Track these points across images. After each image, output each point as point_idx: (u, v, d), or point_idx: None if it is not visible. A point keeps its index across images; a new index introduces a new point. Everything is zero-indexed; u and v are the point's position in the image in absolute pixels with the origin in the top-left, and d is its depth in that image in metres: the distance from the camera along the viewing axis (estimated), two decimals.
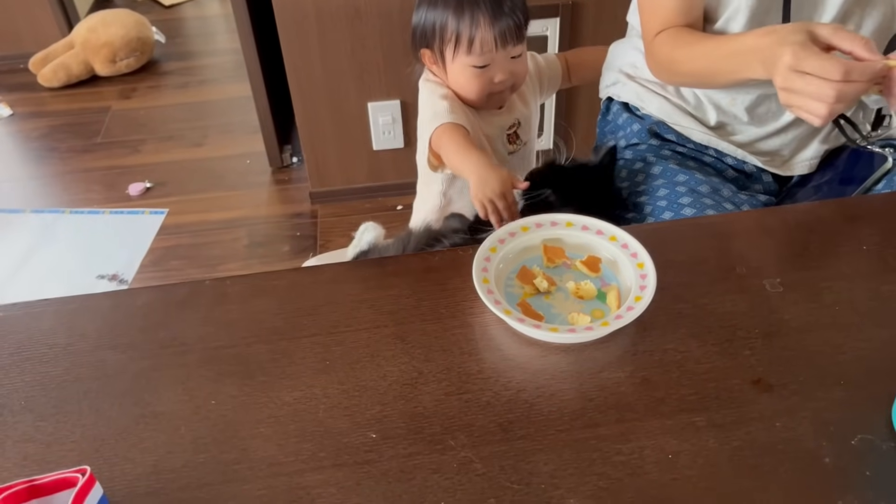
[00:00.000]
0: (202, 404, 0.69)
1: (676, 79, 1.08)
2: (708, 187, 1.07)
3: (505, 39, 1.13)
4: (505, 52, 1.15)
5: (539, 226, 0.82)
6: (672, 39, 1.02)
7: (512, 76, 1.17)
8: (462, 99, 1.20)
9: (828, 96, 0.77)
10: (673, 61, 1.02)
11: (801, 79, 0.79)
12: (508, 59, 1.16)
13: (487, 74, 1.15)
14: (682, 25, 1.02)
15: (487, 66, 1.15)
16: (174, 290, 0.82)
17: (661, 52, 1.04)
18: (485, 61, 1.14)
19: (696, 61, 0.99)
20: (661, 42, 1.04)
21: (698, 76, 1.02)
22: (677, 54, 1.01)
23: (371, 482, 0.62)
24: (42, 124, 2.77)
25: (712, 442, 0.64)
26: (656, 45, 1.05)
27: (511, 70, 1.17)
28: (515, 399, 0.68)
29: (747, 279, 0.79)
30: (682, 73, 1.03)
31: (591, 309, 0.75)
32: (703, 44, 0.98)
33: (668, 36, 1.03)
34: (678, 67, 1.03)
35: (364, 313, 0.78)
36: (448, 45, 1.15)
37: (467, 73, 1.16)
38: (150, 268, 2.13)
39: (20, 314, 0.79)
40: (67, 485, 0.59)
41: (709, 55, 0.96)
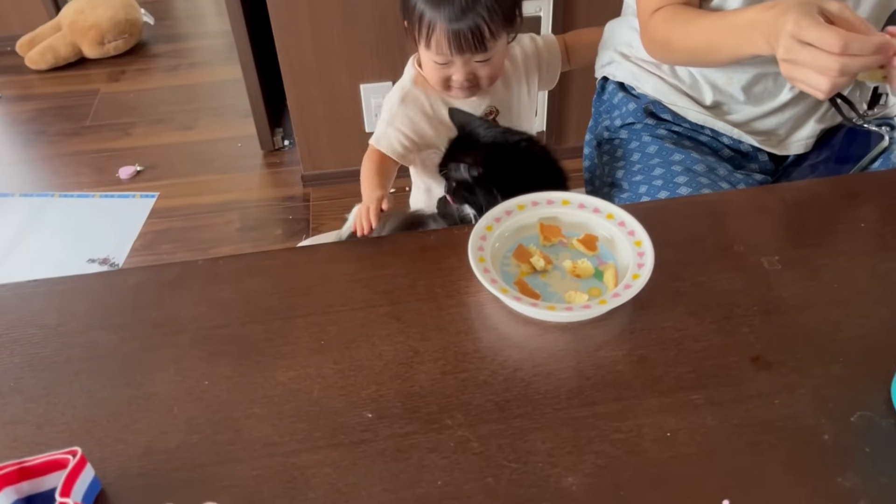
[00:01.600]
0: (195, 385, 0.68)
1: (673, 56, 1.07)
2: (704, 166, 1.07)
3: (461, 46, 1.07)
4: (463, 57, 1.09)
5: (535, 204, 0.81)
6: (670, 16, 1.00)
7: (475, 78, 1.13)
8: None
9: (830, 69, 0.76)
10: (670, 39, 1.01)
11: (804, 50, 0.77)
12: (470, 62, 1.11)
13: (446, 71, 1.12)
14: (679, 3, 1.01)
15: (446, 64, 1.11)
16: (166, 269, 0.81)
17: (657, 31, 1.03)
18: (442, 60, 1.10)
19: (693, 38, 0.97)
20: (657, 20, 1.02)
21: (696, 53, 1.00)
22: (674, 32, 0.99)
23: (367, 461, 0.61)
24: (30, 107, 2.74)
25: (711, 420, 0.63)
26: (652, 24, 1.04)
27: (473, 72, 1.12)
28: (512, 378, 0.67)
29: (745, 257, 0.78)
30: (679, 50, 1.02)
31: (588, 287, 0.75)
32: (702, 20, 0.96)
33: (665, 13, 1.01)
34: (675, 45, 1.01)
35: (359, 293, 0.77)
36: (415, 28, 1.11)
37: (428, 63, 1.13)
38: (141, 251, 2.11)
39: (9, 295, 0.78)
40: (58, 466, 0.59)
41: (707, 31, 0.95)
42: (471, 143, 1.01)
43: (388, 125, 1.19)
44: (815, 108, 1.11)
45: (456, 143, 1.03)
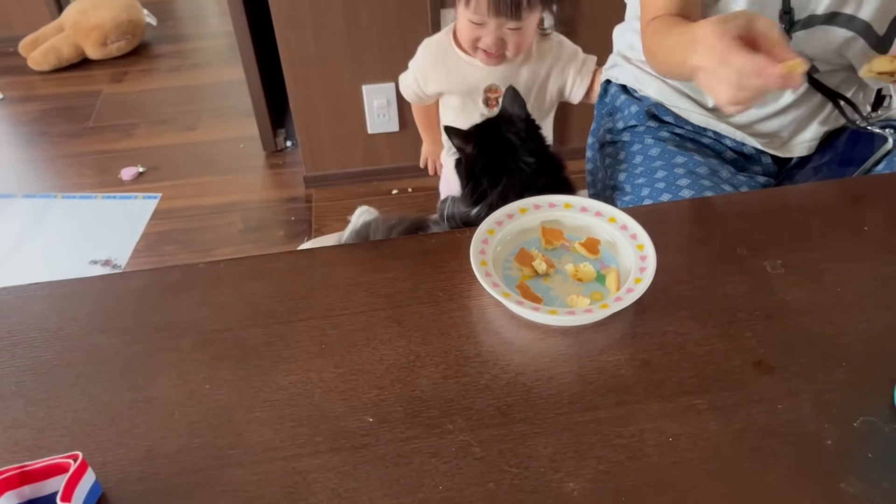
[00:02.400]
0: (196, 389, 0.68)
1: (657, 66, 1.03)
2: (706, 169, 1.06)
3: (498, 9, 1.14)
4: (498, 20, 1.16)
5: (537, 207, 0.81)
6: (658, 26, 0.98)
7: (502, 44, 1.20)
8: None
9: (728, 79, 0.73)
10: (654, 48, 0.98)
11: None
12: (503, 29, 1.18)
13: (478, 31, 1.19)
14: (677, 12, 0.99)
15: (480, 25, 1.18)
16: (168, 273, 0.81)
17: (646, 38, 1.01)
18: (478, 20, 1.17)
19: (664, 47, 0.94)
20: (650, 28, 1.01)
21: (668, 65, 0.96)
22: (656, 41, 0.96)
23: (368, 466, 0.61)
24: (32, 108, 2.74)
25: (713, 424, 0.63)
26: (646, 32, 1.02)
27: (503, 39, 1.19)
28: (514, 382, 0.67)
29: (748, 260, 0.78)
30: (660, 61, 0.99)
31: (590, 291, 0.74)
32: (673, 31, 0.92)
33: (657, 23, 0.99)
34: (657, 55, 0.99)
35: (360, 296, 0.77)
36: None
37: (463, 22, 1.20)
38: (144, 253, 2.11)
39: (11, 298, 0.77)
40: (59, 470, 0.59)
41: (674, 41, 0.90)
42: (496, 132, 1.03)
43: (410, 71, 1.32)
44: (819, 110, 1.10)
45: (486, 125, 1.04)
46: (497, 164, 0.95)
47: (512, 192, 0.98)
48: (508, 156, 0.95)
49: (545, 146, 1.01)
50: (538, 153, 0.96)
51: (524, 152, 0.95)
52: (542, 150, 0.98)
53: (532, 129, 1.00)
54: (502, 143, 0.97)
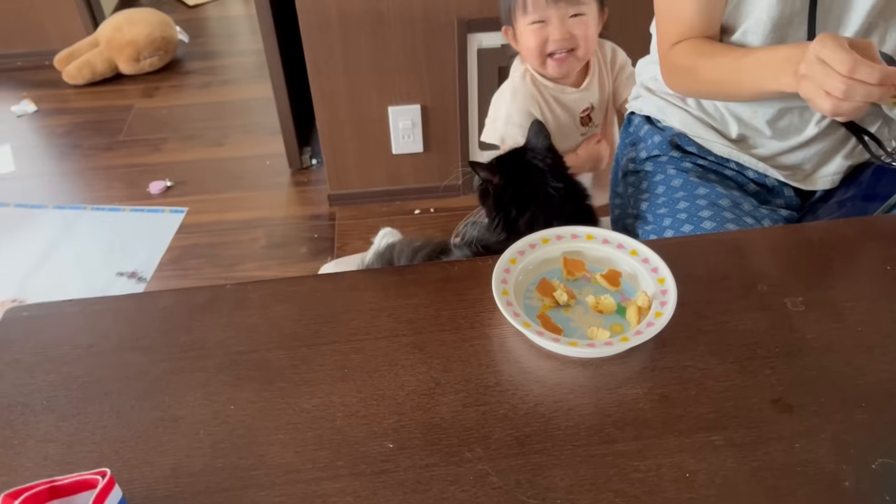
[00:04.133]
0: (221, 409, 0.70)
1: (696, 87, 1.08)
2: (728, 201, 1.07)
3: None
4: (558, 8, 1.16)
5: (559, 238, 0.82)
6: (692, 49, 1.01)
7: (571, 38, 1.18)
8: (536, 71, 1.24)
9: (835, 88, 0.78)
10: (693, 70, 1.02)
11: (818, 66, 0.80)
12: (566, 18, 1.17)
13: (543, 32, 1.18)
14: (699, 37, 1.02)
15: (543, 23, 1.17)
16: (196, 293, 0.83)
17: (679, 62, 1.04)
18: (539, 17, 1.17)
19: (719, 69, 0.99)
20: (679, 52, 1.04)
21: (720, 84, 1.01)
22: (701, 63, 1.00)
23: (388, 492, 0.62)
24: (66, 121, 2.81)
25: (731, 462, 0.63)
26: (673, 55, 1.05)
27: (569, 30, 1.18)
28: (533, 412, 0.68)
29: (769, 297, 0.78)
30: (703, 80, 1.03)
31: (611, 323, 0.75)
32: (728, 54, 0.98)
33: (687, 46, 1.02)
34: (700, 76, 1.02)
35: (383, 321, 0.78)
36: (513, 10, 1.19)
37: (527, 33, 1.19)
38: (169, 266, 2.15)
39: (46, 314, 0.80)
40: (87, 486, 0.60)
41: (733, 65, 0.96)
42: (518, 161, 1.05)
43: (507, 123, 1.27)
44: (843, 143, 1.10)
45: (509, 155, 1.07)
46: (525, 192, 0.97)
47: (540, 219, 1.00)
48: (536, 182, 0.97)
49: (570, 174, 1.03)
50: (565, 179, 0.97)
51: (552, 178, 0.97)
52: (568, 177, 1.00)
53: (556, 158, 1.01)
54: (529, 170, 0.98)
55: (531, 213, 1.01)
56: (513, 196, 0.96)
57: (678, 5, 1.01)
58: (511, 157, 1.01)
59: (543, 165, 1.00)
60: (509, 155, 1.02)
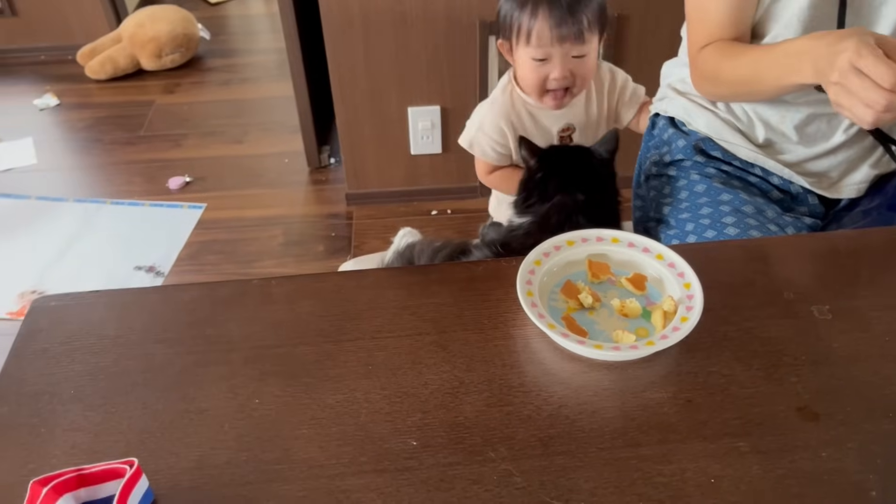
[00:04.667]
0: (246, 402, 0.70)
1: (720, 90, 1.07)
2: (752, 208, 1.06)
3: (562, 36, 1.12)
4: (562, 48, 1.14)
5: (584, 241, 0.82)
6: (719, 50, 1.01)
7: (571, 76, 1.16)
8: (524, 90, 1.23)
9: (876, 103, 0.78)
10: (719, 71, 1.02)
11: (857, 78, 0.79)
12: (568, 58, 1.15)
13: (545, 69, 1.16)
14: (728, 39, 1.02)
15: (545, 61, 1.15)
16: (221, 287, 0.83)
17: (706, 64, 1.04)
18: (542, 55, 1.14)
19: (741, 69, 0.98)
20: (706, 54, 1.03)
21: (743, 84, 1.01)
22: (723, 64, 1.00)
23: (411, 490, 0.62)
24: (87, 115, 2.83)
25: (756, 468, 0.63)
26: (701, 58, 1.05)
27: (571, 69, 1.16)
28: (557, 414, 0.68)
29: (795, 304, 0.78)
30: (726, 82, 1.03)
31: (636, 327, 0.75)
32: (750, 52, 0.98)
33: (714, 48, 1.02)
34: (722, 77, 1.02)
35: (407, 320, 0.78)
36: (513, 35, 1.17)
37: (527, 66, 1.17)
38: (187, 261, 2.16)
39: (72, 304, 0.81)
40: (115, 475, 0.61)
41: (755, 62, 0.96)
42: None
43: (478, 130, 1.27)
44: (870, 152, 1.10)
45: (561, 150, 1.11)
46: (550, 188, 0.98)
47: (555, 215, 1.01)
48: (564, 183, 0.98)
49: (609, 196, 1.04)
50: (592, 193, 0.98)
51: (578, 186, 0.98)
52: (597, 195, 1.01)
53: (606, 172, 1.02)
54: (565, 170, 1.00)
55: (549, 207, 1.03)
56: (538, 183, 0.98)
57: (707, 8, 1.01)
58: (560, 151, 1.04)
59: (580, 172, 1.02)
60: (561, 149, 1.05)
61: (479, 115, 1.27)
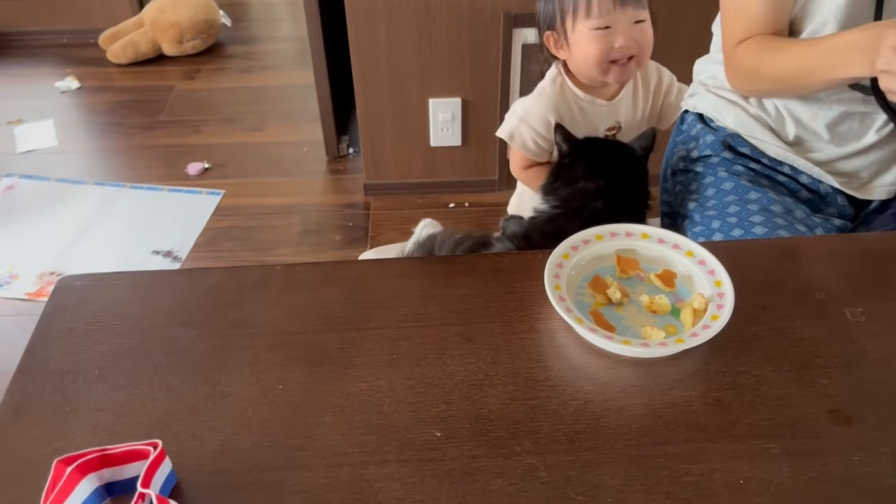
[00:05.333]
0: (269, 388, 0.70)
1: (761, 85, 1.05)
2: (781, 207, 1.05)
3: (624, 0, 1.09)
4: (625, 13, 1.10)
5: (613, 235, 0.81)
6: (758, 45, 1.00)
7: (635, 44, 1.12)
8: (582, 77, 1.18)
9: None
10: (759, 67, 1.00)
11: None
12: (630, 24, 1.11)
13: (608, 38, 1.11)
14: (766, 34, 1.00)
15: (608, 29, 1.10)
16: (245, 272, 0.83)
17: (745, 59, 1.02)
18: (604, 22, 1.10)
19: (786, 64, 0.97)
20: (745, 50, 1.02)
21: (789, 80, 0.99)
22: (765, 59, 0.99)
23: (434, 480, 0.62)
24: (108, 99, 2.84)
25: (786, 471, 0.62)
26: (739, 54, 1.03)
27: (633, 37, 1.11)
28: (583, 410, 0.67)
29: (827, 306, 0.76)
30: (767, 78, 1.01)
31: (664, 324, 0.74)
32: (794, 46, 0.97)
33: (753, 43, 1.01)
34: (764, 73, 1.00)
35: (432, 310, 0.77)
36: (568, 15, 1.12)
37: (587, 39, 1.12)
38: (204, 247, 2.16)
39: (96, 285, 0.80)
40: (139, 457, 0.61)
41: (802, 56, 0.95)
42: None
43: (521, 121, 1.22)
44: None
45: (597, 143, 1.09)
46: (577, 172, 0.97)
47: (575, 199, 1.00)
48: (590, 170, 0.97)
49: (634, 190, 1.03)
50: (614, 182, 0.97)
51: (602, 174, 0.97)
52: (620, 185, 1.00)
53: (637, 168, 1.01)
54: (593, 158, 0.99)
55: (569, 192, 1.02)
56: (565, 169, 0.97)
57: (745, 3, 1.00)
58: (596, 143, 1.03)
59: (609, 165, 1.01)
60: (597, 142, 1.04)
61: (522, 107, 1.24)
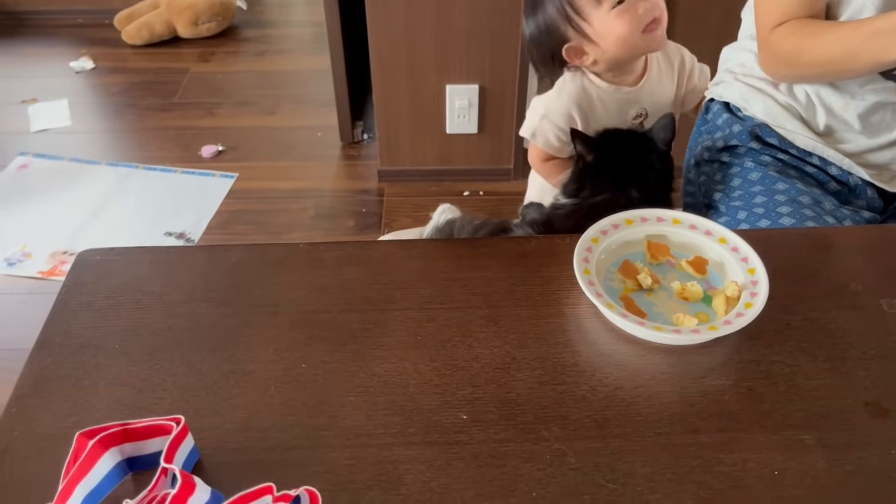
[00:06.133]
0: (292, 366, 0.68)
1: (800, 71, 1.02)
2: (809, 198, 1.03)
3: None
4: None
5: (644, 220, 0.79)
6: (797, 30, 0.97)
7: (656, 4, 1.09)
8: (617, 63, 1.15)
9: None
10: (799, 52, 0.97)
11: None
12: None
13: (630, 8, 1.07)
14: (803, 17, 0.98)
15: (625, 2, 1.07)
16: (268, 250, 0.82)
17: (782, 44, 0.99)
18: None
19: (828, 48, 0.94)
20: (781, 34, 0.99)
21: (830, 64, 0.96)
22: (805, 44, 0.96)
23: (461, 464, 0.61)
24: (122, 80, 2.83)
25: (821, 463, 0.60)
26: (775, 38, 1.00)
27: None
28: (612, 396, 0.66)
29: (862, 297, 0.74)
30: (809, 63, 0.98)
31: (696, 312, 0.72)
32: (836, 30, 0.93)
33: (790, 27, 0.98)
34: (804, 58, 0.97)
35: (456, 292, 0.76)
36: (576, 16, 1.08)
37: (612, 20, 1.08)
38: (217, 230, 2.15)
39: (118, 259, 0.79)
40: (161, 432, 0.59)
41: (845, 39, 0.92)
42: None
43: (543, 118, 1.19)
44: None
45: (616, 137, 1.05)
46: (606, 181, 0.94)
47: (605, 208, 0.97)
48: (620, 180, 0.94)
49: (663, 191, 1.00)
50: (648, 191, 0.94)
51: (636, 186, 0.94)
52: (654, 192, 0.97)
53: (663, 166, 0.98)
54: (622, 164, 0.96)
55: (600, 200, 0.99)
56: (594, 178, 0.94)
57: None
58: (615, 140, 0.99)
59: (639, 168, 0.98)
60: (615, 136, 0.99)
61: (543, 104, 1.21)
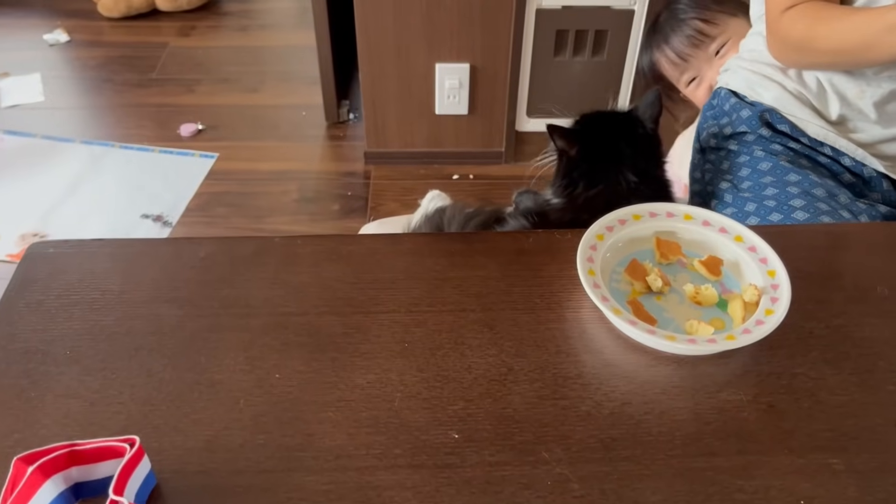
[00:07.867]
0: (265, 377, 0.61)
1: (810, 58, 0.96)
2: (823, 191, 0.97)
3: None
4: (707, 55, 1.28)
5: (653, 215, 0.72)
6: (809, 14, 0.90)
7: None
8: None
9: None
10: (811, 38, 0.91)
11: None
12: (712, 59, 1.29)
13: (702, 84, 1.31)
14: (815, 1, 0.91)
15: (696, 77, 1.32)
16: (240, 244, 0.74)
17: (793, 29, 0.93)
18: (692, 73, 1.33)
19: (843, 36, 0.88)
20: (791, 18, 0.93)
21: (843, 54, 0.91)
22: (818, 30, 0.90)
23: (452, 490, 0.54)
24: (98, 54, 2.72)
25: (852, 490, 0.54)
26: (785, 22, 0.94)
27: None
28: (619, 413, 0.59)
29: (890, 302, 0.68)
30: (819, 50, 0.92)
31: (710, 317, 0.66)
32: (851, 18, 0.87)
33: (801, 10, 0.91)
34: (816, 45, 0.91)
35: (448, 293, 0.69)
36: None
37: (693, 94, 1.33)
38: (196, 212, 2.07)
39: (73, 253, 0.72)
40: (113, 454, 0.53)
41: (862, 29, 0.86)
42: None
43: None
44: None
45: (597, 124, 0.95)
46: (598, 172, 0.86)
47: (603, 201, 0.90)
48: (611, 167, 0.87)
49: (657, 170, 0.92)
50: (644, 174, 0.87)
51: (630, 169, 0.87)
52: (649, 173, 0.89)
53: (651, 147, 0.90)
54: (610, 150, 0.88)
55: (596, 192, 0.91)
56: (584, 172, 0.86)
57: None
58: (597, 127, 0.90)
59: (628, 150, 0.90)
60: (596, 123, 0.91)
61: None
